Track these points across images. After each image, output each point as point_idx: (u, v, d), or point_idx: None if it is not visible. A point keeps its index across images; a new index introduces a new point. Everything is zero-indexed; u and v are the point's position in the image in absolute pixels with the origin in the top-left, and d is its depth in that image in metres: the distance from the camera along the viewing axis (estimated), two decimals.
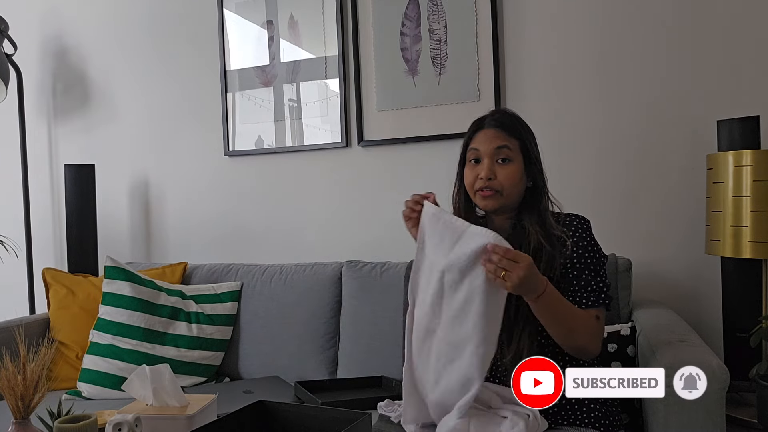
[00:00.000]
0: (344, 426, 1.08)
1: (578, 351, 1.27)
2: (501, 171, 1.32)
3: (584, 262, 1.29)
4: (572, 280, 1.28)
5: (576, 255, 1.30)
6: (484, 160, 1.32)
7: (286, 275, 2.18)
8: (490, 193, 1.31)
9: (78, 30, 2.84)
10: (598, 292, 1.28)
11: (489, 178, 1.31)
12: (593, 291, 1.28)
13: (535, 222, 1.32)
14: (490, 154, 1.32)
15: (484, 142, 1.33)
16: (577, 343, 1.25)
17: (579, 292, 1.28)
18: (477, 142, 1.35)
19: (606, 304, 1.29)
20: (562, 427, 1.29)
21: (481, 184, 1.32)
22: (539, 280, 1.16)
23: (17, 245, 2.70)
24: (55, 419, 1.25)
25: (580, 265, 1.29)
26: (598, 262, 1.31)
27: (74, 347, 2.13)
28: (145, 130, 2.74)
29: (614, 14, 2.04)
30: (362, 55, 2.34)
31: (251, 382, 2.00)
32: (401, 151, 2.31)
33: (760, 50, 1.89)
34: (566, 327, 1.23)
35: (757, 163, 1.62)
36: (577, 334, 1.24)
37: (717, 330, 1.89)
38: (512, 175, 1.32)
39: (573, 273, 1.29)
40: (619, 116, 2.04)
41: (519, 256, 1.12)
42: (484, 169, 1.32)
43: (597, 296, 1.27)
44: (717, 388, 1.19)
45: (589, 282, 1.28)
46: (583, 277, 1.28)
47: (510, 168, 1.32)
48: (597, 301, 1.27)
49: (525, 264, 1.11)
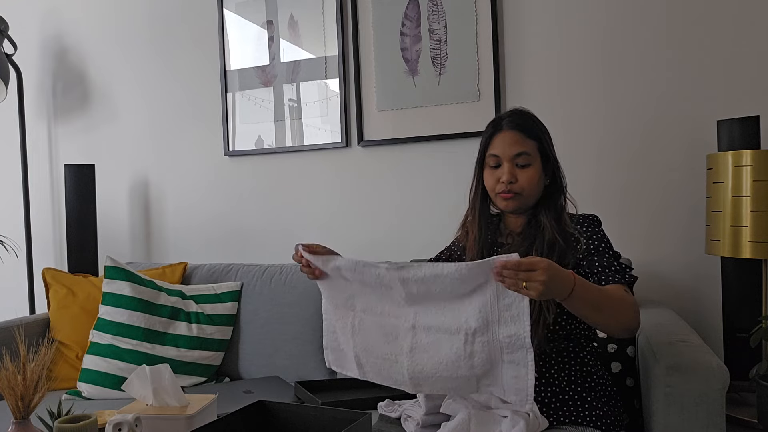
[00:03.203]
0: (344, 426, 1.08)
1: (624, 330, 1.23)
2: (521, 174, 1.35)
3: (601, 250, 1.31)
4: (594, 262, 1.29)
5: (593, 246, 1.31)
6: (504, 164, 1.36)
7: (286, 275, 2.18)
8: (511, 195, 1.35)
9: (78, 30, 2.84)
10: (621, 271, 1.28)
11: (510, 181, 1.35)
12: (617, 270, 1.28)
13: (552, 218, 1.35)
14: (510, 158, 1.35)
15: (503, 148, 1.36)
16: (622, 323, 1.21)
17: (603, 273, 1.27)
18: (496, 147, 1.37)
19: (631, 282, 1.28)
20: (562, 426, 1.29)
21: (503, 187, 1.35)
22: (565, 277, 1.10)
23: (17, 245, 2.70)
24: (55, 419, 1.25)
25: (597, 253, 1.30)
26: (614, 253, 1.33)
27: (74, 347, 2.13)
28: (145, 130, 2.74)
29: (614, 14, 2.04)
30: (362, 55, 2.34)
31: (251, 382, 2.00)
32: (401, 151, 2.31)
33: (760, 50, 1.89)
34: (607, 312, 1.19)
35: (757, 163, 1.62)
36: (618, 314, 1.20)
37: (717, 330, 1.89)
38: (532, 177, 1.35)
39: (593, 258, 1.29)
40: (619, 116, 2.04)
41: (533, 263, 1.05)
42: (505, 173, 1.35)
43: (621, 274, 1.27)
44: (717, 388, 1.19)
45: (611, 263, 1.29)
46: (604, 260, 1.29)
47: (530, 171, 1.35)
48: (622, 278, 1.27)
49: (543, 267, 1.04)
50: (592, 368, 1.35)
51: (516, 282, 1.05)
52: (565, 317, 1.33)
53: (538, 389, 1.30)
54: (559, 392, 1.31)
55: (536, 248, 1.31)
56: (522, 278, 1.04)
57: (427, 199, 2.27)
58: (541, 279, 1.04)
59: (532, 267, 1.04)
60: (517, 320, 1.09)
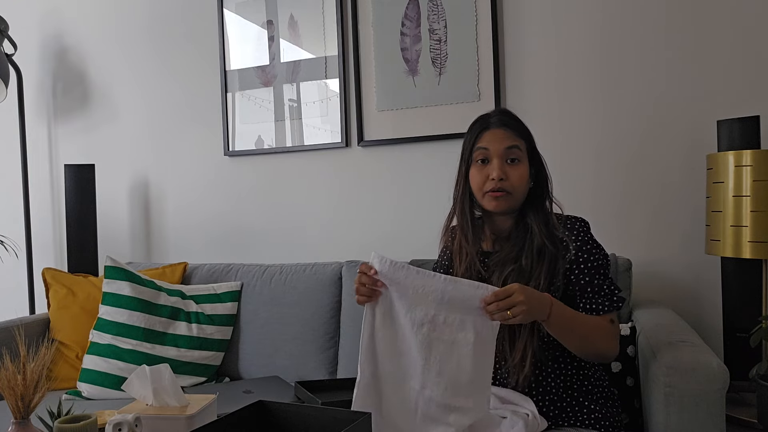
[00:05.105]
0: (344, 426, 1.08)
1: (597, 357, 1.27)
2: (512, 171, 1.30)
3: (592, 266, 1.29)
4: (585, 287, 1.27)
5: (582, 259, 1.29)
6: (493, 161, 1.30)
7: (286, 275, 2.18)
8: (501, 194, 1.29)
9: (78, 30, 2.84)
10: (611, 295, 1.28)
11: (501, 178, 1.29)
12: (606, 295, 1.27)
13: (540, 221, 1.31)
14: (501, 154, 1.30)
15: (494, 142, 1.31)
16: (597, 350, 1.25)
17: (593, 298, 1.27)
18: (485, 141, 1.32)
19: (619, 306, 1.28)
20: (562, 428, 1.29)
21: (493, 185, 1.29)
22: (542, 297, 1.16)
23: (17, 245, 2.70)
24: (55, 419, 1.25)
25: (588, 271, 1.28)
26: (605, 265, 1.31)
27: (74, 347, 2.13)
28: (145, 130, 2.74)
29: (614, 14, 2.04)
30: (362, 55, 2.34)
31: (251, 382, 2.00)
32: (401, 151, 2.31)
33: (760, 50, 1.89)
34: (583, 337, 1.23)
35: (757, 163, 1.62)
36: (594, 341, 1.24)
37: (717, 330, 1.89)
38: (522, 175, 1.31)
39: (585, 279, 1.28)
40: (619, 116, 2.04)
41: (507, 290, 1.11)
42: (495, 170, 1.29)
43: (611, 300, 1.27)
44: (717, 388, 1.19)
45: (602, 287, 1.28)
46: (594, 282, 1.28)
47: (520, 168, 1.31)
48: (612, 305, 1.27)
49: (517, 290, 1.11)
50: (589, 371, 1.35)
51: (503, 314, 1.11)
52: None
53: (536, 397, 1.30)
54: (557, 399, 1.30)
55: (526, 255, 1.29)
56: (503, 307, 1.10)
57: (426, 200, 2.27)
58: (520, 300, 1.10)
59: (508, 293, 1.10)
60: None
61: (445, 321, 1.15)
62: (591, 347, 1.24)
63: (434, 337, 1.15)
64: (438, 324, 1.15)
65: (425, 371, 1.16)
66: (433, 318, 1.15)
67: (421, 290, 1.15)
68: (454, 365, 1.14)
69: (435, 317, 1.15)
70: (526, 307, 1.09)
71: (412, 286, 1.16)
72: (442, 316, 1.15)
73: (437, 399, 1.15)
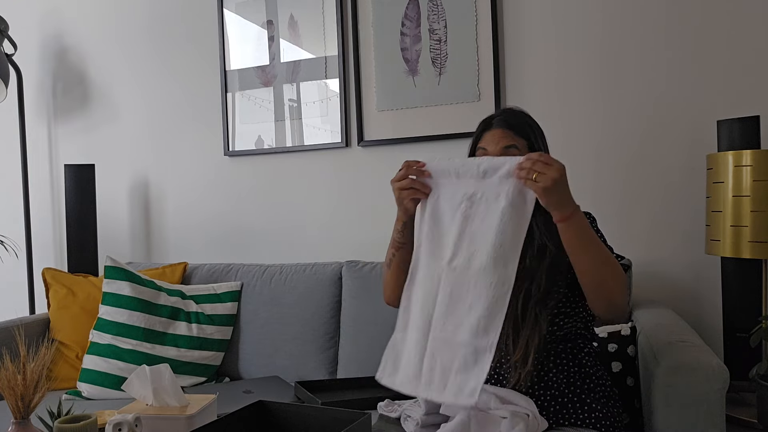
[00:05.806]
0: (344, 426, 1.08)
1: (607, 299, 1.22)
2: None
3: None
4: None
5: None
6: None
7: (286, 275, 2.18)
8: None
9: (78, 30, 2.84)
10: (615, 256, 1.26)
11: None
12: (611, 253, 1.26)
13: (540, 222, 1.31)
14: (497, 154, 1.31)
15: (492, 143, 1.32)
16: (608, 287, 1.20)
17: None
18: (485, 141, 1.34)
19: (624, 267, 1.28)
20: (562, 428, 1.28)
21: None
22: (570, 198, 1.16)
23: (17, 245, 2.70)
24: (55, 419, 1.25)
25: None
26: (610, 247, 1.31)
27: (74, 347, 2.13)
28: (145, 130, 2.74)
29: (614, 14, 2.04)
30: (362, 55, 2.34)
31: (251, 382, 2.00)
32: (401, 151, 2.31)
33: (760, 50, 1.89)
34: (597, 261, 1.18)
35: (757, 163, 1.62)
36: (607, 274, 1.19)
37: (717, 330, 1.90)
38: None
39: None
40: (619, 116, 2.04)
41: (553, 159, 1.13)
42: None
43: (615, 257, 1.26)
44: (717, 388, 1.19)
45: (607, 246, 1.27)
46: None
47: None
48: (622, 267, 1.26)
49: (558, 167, 1.12)
50: (591, 369, 1.35)
51: (529, 171, 1.12)
52: (562, 317, 1.32)
53: (537, 392, 1.30)
54: (558, 395, 1.30)
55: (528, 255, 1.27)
56: (537, 168, 1.11)
57: None
58: (553, 175, 1.11)
59: (547, 160, 1.12)
60: None
61: (482, 196, 1.19)
62: (603, 280, 1.19)
63: (471, 213, 1.20)
64: (475, 200, 1.20)
65: (458, 240, 1.20)
66: (471, 196, 1.20)
67: (462, 169, 1.22)
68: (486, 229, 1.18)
69: (473, 195, 1.20)
70: (551, 182, 1.10)
71: (454, 169, 1.23)
72: (480, 192, 1.20)
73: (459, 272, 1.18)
